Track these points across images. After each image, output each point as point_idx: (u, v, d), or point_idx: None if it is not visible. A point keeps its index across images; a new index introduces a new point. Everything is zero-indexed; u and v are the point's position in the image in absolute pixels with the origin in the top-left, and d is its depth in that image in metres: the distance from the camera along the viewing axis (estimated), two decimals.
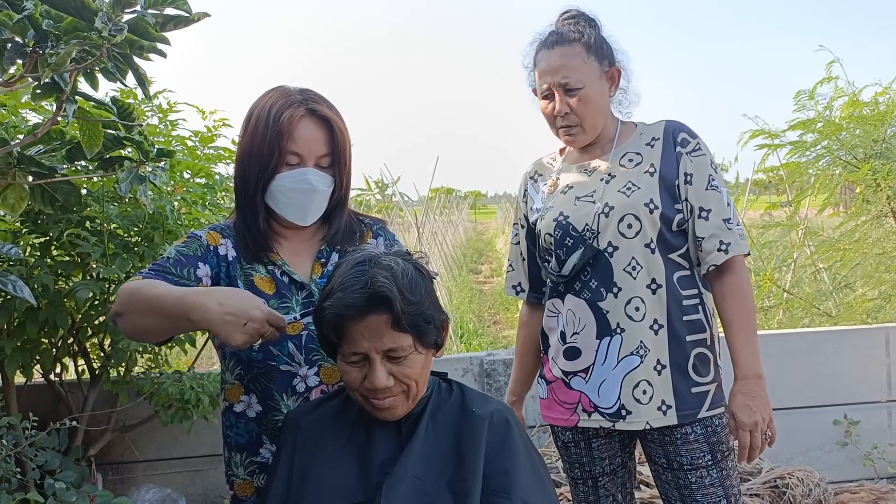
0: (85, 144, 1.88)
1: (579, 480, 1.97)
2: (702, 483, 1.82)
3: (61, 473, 2.58)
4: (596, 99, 1.86)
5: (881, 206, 4.36)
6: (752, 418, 1.75)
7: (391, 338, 1.29)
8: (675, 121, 1.91)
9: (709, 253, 1.81)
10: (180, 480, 3.24)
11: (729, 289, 1.82)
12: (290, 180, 1.56)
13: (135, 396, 2.92)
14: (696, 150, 1.85)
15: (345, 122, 1.63)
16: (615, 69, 1.91)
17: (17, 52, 1.45)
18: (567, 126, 1.88)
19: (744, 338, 1.79)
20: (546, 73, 1.86)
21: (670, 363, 1.81)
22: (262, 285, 1.60)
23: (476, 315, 10.65)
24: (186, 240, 1.59)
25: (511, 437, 1.38)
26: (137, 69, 1.54)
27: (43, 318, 2.54)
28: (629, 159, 1.88)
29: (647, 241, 1.80)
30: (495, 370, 3.50)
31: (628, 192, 1.82)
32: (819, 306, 5.14)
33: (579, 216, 1.85)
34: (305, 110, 1.56)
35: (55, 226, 2.54)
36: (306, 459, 1.37)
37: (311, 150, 1.57)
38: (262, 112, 1.56)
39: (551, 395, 1.95)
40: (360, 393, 1.35)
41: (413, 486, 1.29)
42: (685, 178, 1.83)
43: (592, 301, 1.83)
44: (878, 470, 3.60)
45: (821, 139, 4.43)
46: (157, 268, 1.52)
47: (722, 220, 1.81)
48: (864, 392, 3.65)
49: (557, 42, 1.87)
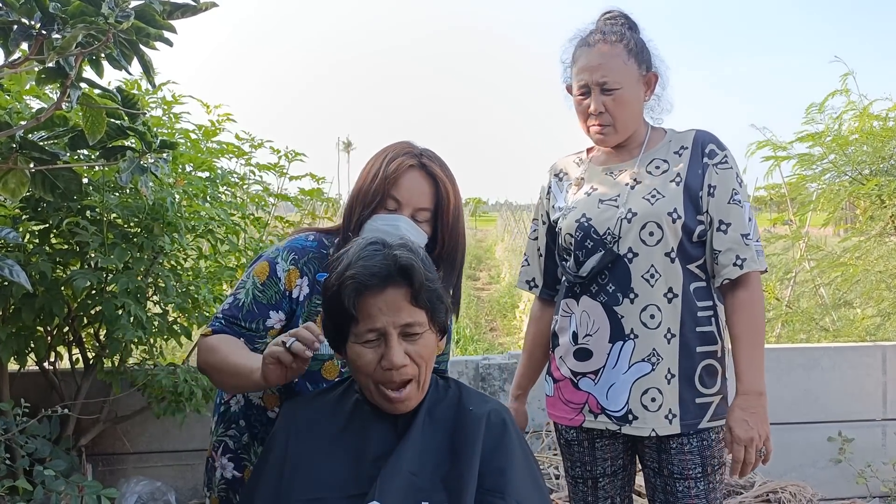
0: (87, 131, 1.87)
1: (579, 480, 1.97)
2: (687, 493, 1.83)
3: (51, 462, 2.56)
4: (631, 101, 1.87)
5: (885, 224, 4.35)
6: (749, 434, 1.75)
7: (408, 312, 1.32)
8: (706, 131, 1.91)
9: (724, 266, 1.81)
10: (171, 474, 3.23)
11: (740, 304, 1.81)
12: (381, 222, 1.61)
13: (128, 387, 2.90)
14: (722, 162, 1.85)
15: (455, 186, 1.68)
16: (652, 74, 1.92)
17: (22, 34, 1.44)
18: (600, 125, 1.87)
19: (750, 354, 1.80)
20: (585, 71, 1.86)
21: (679, 372, 1.82)
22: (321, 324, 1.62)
23: (473, 321, 10.63)
24: (266, 281, 1.63)
25: (507, 437, 1.38)
26: (143, 56, 1.54)
27: (39, 305, 2.53)
28: (656, 166, 1.88)
29: (667, 250, 1.81)
30: (490, 374, 3.49)
31: (653, 199, 1.82)
32: (818, 322, 5.13)
33: (602, 219, 1.85)
34: (417, 162, 1.64)
35: (55, 213, 2.53)
36: (300, 449, 1.37)
37: (410, 200, 1.62)
38: (380, 157, 1.66)
39: (557, 394, 1.95)
40: (373, 380, 1.34)
41: (407, 481, 1.28)
42: (709, 190, 1.83)
43: (608, 305, 1.83)
44: (871, 488, 3.58)
45: (828, 153, 4.41)
46: (230, 317, 1.60)
47: (740, 234, 1.81)
48: (859, 410, 3.64)
49: (600, 41, 1.87)
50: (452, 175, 1.69)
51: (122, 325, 2.49)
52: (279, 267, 1.63)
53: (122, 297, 2.49)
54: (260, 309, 1.60)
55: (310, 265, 1.65)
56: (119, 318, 2.50)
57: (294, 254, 1.65)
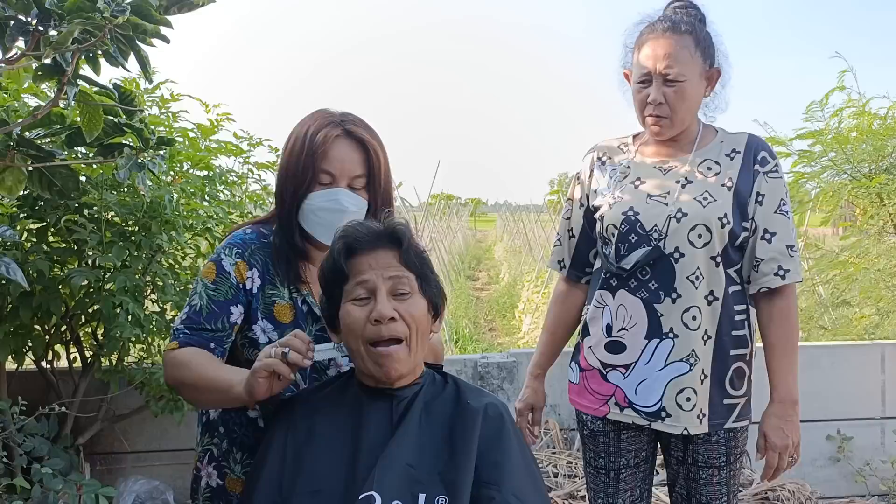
0: (85, 129, 1.86)
1: (602, 470, 1.97)
2: (710, 480, 1.87)
3: (49, 461, 2.56)
4: (692, 95, 1.84)
5: (884, 222, 4.34)
6: (784, 441, 1.80)
7: (397, 268, 1.36)
8: (758, 137, 1.90)
9: (765, 275, 1.81)
10: (168, 473, 3.22)
11: (779, 313, 1.83)
12: (320, 199, 1.57)
13: (126, 386, 2.90)
14: (773, 171, 1.85)
15: (383, 146, 1.63)
16: (715, 70, 1.89)
17: (19, 30, 1.44)
18: (657, 116, 1.84)
19: (786, 363, 1.83)
20: (649, 59, 1.83)
21: (711, 374, 1.83)
22: (281, 313, 1.61)
23: (472, 321, 10.63)
24: (216, 278, 1.58)
25: (505, 431, 1.38)
26: (140, 52, 1.53)
27: (37, 303, 2.53)
28: (707, 167, 1.86)
29: (713, 254, 1.81)
30: (489, 373, 3.49)
31: (704, 202, 1.81)
32: (817, 320, 5.13)
33: (650, 215, 1.84)
34: (342, 131, 1.57)
35: (53, 212, 2.53)
36: (301, 441, 1.37)
37: (344, 170, 1.57)
38: (301, 131, 1.59)
39: (583, 383, 1.96)
40: (363, 340, 1.34)
41: (405, 473, 1.29)
42: (757, 198, 1.82)
43: (649, 302, 1.83)
44: (870, 487, 3.58)
45: (827, 150, 4.40)
46: (192, 325, 1.55)
47: (785, 245, 1.81)
48: (857, 408, 3.64)
49: (669, 30, 1.83)
50: (378, 135, 1.64)
51: (119, 324, 2.49)
52: (225, 263, 1.59)
53: (120, 296, 2.49)
54: (219, 307, 1.56)
55: (255, 256, 1.61)
56: (117, 317, 2.50)
57: (236, 248, 1.61)
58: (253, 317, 1.60)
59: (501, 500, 1.28)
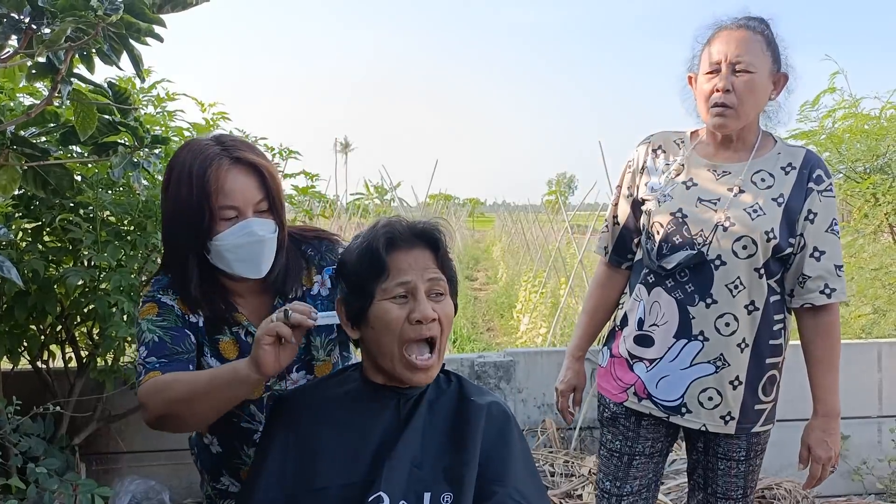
0: (79, 127, 1.86)
1: (616, 454, 2.02)
2: (728, 472, 1.93)
3: (45, 461, 2.55)
4: (759, 89, 1.84)
5: (879, 222, 4.35)
6: (829, 454, 1.89)
7: (434, 271, 1.36)
8: (815, 154, 1.92)
9: (811, 292, 1.84)
10: (165, 473, 3.22)
11: (825, 329, 1.87)
12: (233, 237, 1.47)
13: (121, 386, 2.89)
14: (827, 190, 1.86)
15: (271, 163, 1.56)
16: (783, 74, 1.90)
17: (11, 28, 1.44)
18: (723, 105, 1.83)
19: (831, 378, 1.88)
20: (721, 49, 1.84)
21: (746, 380, 1.87)
22: (226, 350, 1.58)
23: (470, 321, 10.63)
24: (160, 311, 1.51)
25: (508, 429, 1.40)
26: (132, 50, 1.53)
27: (32, 303, 2.52)
28: (762, 178, 1.87)
29: (756, 265, 1.83)
30: (486, 372, 3.49)
31: (754, 214, 1.82)
32: None
33: (697, 219, 1.85)
34: (230, 160, 1.47)
35: (48, 211, 2.52)
36: (303, 438, 1.37)
37: (246, 200, 1.48)
38: (183, 172, 1.46)
39: (610, 368, 2.01)
40: (400, 340, 1.33)
41: (411, 472, 1.29)
42: (807, 215, 1.83)
43: (682, 303, 1.86)
44: (867, 485, 3.58)
45: (821, 151, 4.42)
46: (163, 353, 1.46)
47: (834, 265, 1.84)
48: (854, 407, 3.64)
49: (742, 27, 1.86)
50: (261, 151, 1.55)
51: (115, 323, 2.48)
52: (164, 299, 1.53)
53: (116, 295, 2.48)
54: (177, 331, 1.49)
55: (187, 300, 1.54)
56: (112, 316, 2.49)
57: (171, 289, 1.54)
58: (200, 350, 1.56)
59: (504, 495, 1.29)
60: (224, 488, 1.71)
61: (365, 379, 1.43)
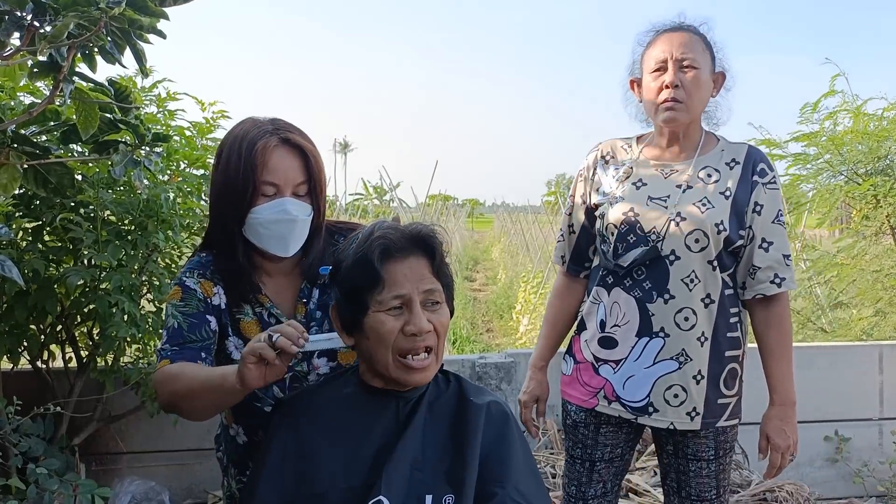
0: (80, 126, 1.86)
1: (578, 460, 2.04)
2: (699, 473, 1.94)
3: (45, 461, 2.54)
4: (704, 85, 1.91)
5: (881, 224, 4.35)
6: (787, 442, 1.90)
7: (430, 281, 1.35)
8: (758, 149, 1.99)
9: (761, 282, 1.88)
10: (165, 473, 3.20)
11: (775, 319, 1.91)
12: (268, 212, 1.53)
13: (121, 386, 2.88)
14: (771, 182, 1.91)
15: (317, 149, 1.61)
16: (721, 73, 1.97)
17: (14, 25, 1.43)
18: (673, 100, 1.88)
19: (784, 366, 1.91)
20: (665, 49, 1.90)
21: (708, 374, 1.89)
22: (249, 329, 1.59)
23: (469, 322, 10.62)
24: (183, 296, 1.55)
25: (508, 429, 1.39)
26: (135, 45, 1.52)
27: (32, 303, 2.52)
28: (707, 174, 1.92)
29: (709, 258, 1.87)
30: (487, 373, 3.48)
31: (703, 208, 1.86)
32: (815, 322, 5.13)
33: (649, 217, 1.89)
34: (278, 140, 1.53)
35: (48, 210, 2.51)
36: (302, 443, 1.36)
37: (287, 180, 1.54)
38: (234, 145, 1.53)
39: (576, 375, 2.02)
40: (394, 350, 1.33)
41: (411, 474, 1.29)
42: (755, 207, 1.88)
43: (641, 301, 1.89)
44: (868, 488, 3.58)
45: (822, 153, 4.42)
46: (178, 341, 1.51)
47: (782, 254, 1.89)
48: (856, 409, 3.64)
49: (682, 28, 1.94)
50: (311, 138, 1.60)
51: (115, 323, 2.47)
52: (189, 282, 1.57)
53: (116, 295, 2.47)
54: (197, 318, 1.53)
55: (216, 276, 1.59)
56: (112, 316, 2.49)
57: (197, 270, 1.59)
58: (224, 331, 1.59)
59: (505, 496, 1.29)
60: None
61: (363, 382, 1.43)
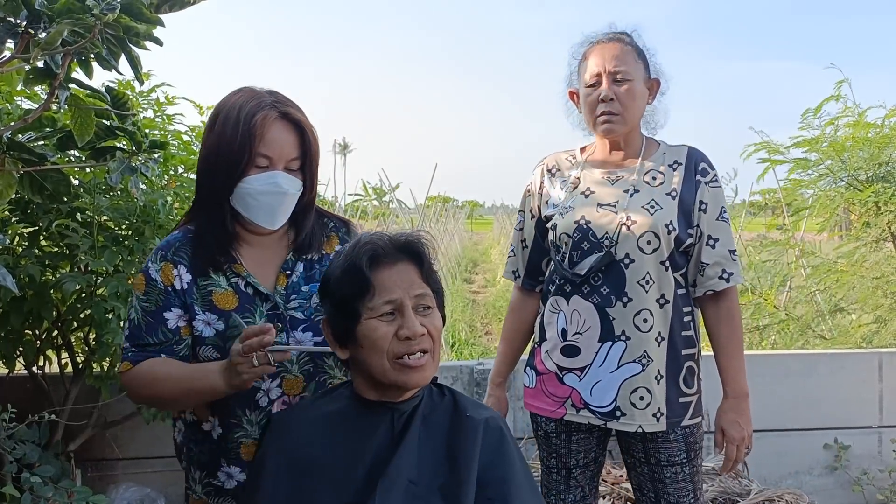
0: (76, 132, 1.84)
1: (553, 469, 2.07)
2: (675, 478, 1.96)
3: (40, 468, 2.52)
4: (638, 96, 1.97)
5: (881, 230, 4.34)
6: (741, 434, 1.94)
7: (419, 285, 1.37)
8: (698, 150, 2.03)
9: (710, 279, 1.95)
10: (161, 480, 3.18)
11: (725, 314, 1.97)
12: (259, 183, 1.53)
13: (117, 392, 2.86)
14: (713, 181, 1.98)
15: (313, 126, 1.62)
16: (655, 80, 2.04)
17: (7, 32, 1.42)
18: (609, 113, 1.94)
19: (735, 360, 1.97)
20: (599, 63, 1.95)
21: (667, 374, 1.93)
22: (223, 301, 1.57)
23: (468, 324, 10.61)
24: (146, 289, 1.57)
25: (506, 445, 1.38)
26: (130, 52, 1.51)
27: (28, 308, 2.50)
28: (652, 177, 1.97)
29: (662, 259, 1.90)
30: (485, 379, 3.46)
31: (652, 210, 1.90)
32: (814, 328, 5.12)
33: (601, 223, 1.92)
34: (277, 113, 1.54)
35: (44, 216, 2.50)
36: (295, 459, 1.35)
37: (281, 154, 1.55)
38: (232, 112, 1.53)
39: (540, 386, 2.03)
40: (389, 355, 1.33)
41: (407, 490, 1.28)
42: (700, 206, 1.95)
43: (601, 306, 1.91)
44: (868, 496, 3.56)
45: (823, 158, 4.42)
46: (135, 343, 1.55)
47: (728, 250, 1.95)
48: (855, 417, 3.62)
49: (614, 39, 2.00)
50: (305, 112, 1.61)
51: (111, 329, 2.46)
52: (152, 270, 1.58)
53: (112, 301, 2.46)
54: (153, 316, 1.55)
55: (179, 253, 1.59)
56: (108, 322, 2.47)
57: (161, 251, 1.60)
58: (192, 313, 1.57)
59: None
60: (220, 484, 1.63)
61: (356, 396, 1.42)
